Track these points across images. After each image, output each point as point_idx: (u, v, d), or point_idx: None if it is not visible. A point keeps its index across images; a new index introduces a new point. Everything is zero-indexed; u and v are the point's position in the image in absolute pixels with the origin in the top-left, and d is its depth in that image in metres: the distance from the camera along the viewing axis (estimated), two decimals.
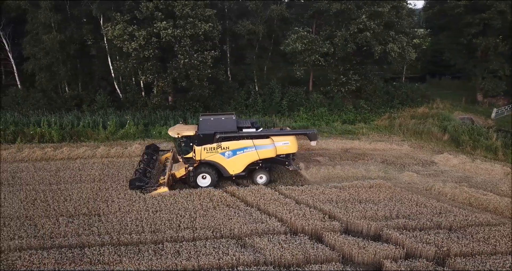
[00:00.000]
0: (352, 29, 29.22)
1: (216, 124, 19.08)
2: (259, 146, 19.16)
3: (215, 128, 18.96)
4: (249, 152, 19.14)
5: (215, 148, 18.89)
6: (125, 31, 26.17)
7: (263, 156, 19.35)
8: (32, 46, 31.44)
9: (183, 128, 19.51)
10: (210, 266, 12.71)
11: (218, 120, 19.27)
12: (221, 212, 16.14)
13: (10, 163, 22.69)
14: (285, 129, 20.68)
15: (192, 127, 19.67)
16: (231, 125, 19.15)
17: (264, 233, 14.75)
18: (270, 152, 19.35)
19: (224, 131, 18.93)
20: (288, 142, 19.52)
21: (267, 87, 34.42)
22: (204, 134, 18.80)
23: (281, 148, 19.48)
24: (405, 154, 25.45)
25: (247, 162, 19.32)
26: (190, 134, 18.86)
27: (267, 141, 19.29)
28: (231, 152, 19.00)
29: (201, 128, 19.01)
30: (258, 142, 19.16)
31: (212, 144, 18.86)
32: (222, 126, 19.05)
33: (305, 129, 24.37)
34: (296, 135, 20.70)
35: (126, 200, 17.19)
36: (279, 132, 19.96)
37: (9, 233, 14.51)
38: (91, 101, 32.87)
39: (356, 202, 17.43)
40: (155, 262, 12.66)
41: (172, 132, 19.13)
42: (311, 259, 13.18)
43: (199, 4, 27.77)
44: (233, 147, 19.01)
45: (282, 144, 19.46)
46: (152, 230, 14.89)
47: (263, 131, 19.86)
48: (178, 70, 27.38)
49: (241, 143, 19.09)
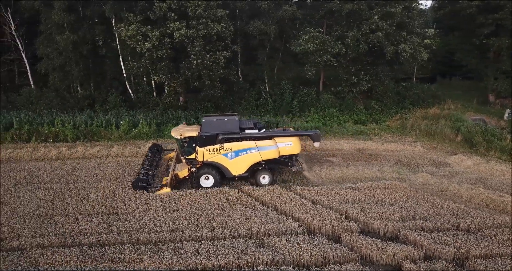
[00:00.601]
0: (364, 30, 29.16)
1: (218, 125, 19.12)
2: (261, 147, 19.14)
3: (218, 129, 18.99)
4: (251, 153, 19.13)
5: (218, 149, 18.91)
6: (138, 32, 26.32)
7: (265, 157, 19.34)
8: (46, 47, 31.71)
9: (186, 129, 19.58)
10: (230, 266, 12.79)
11: (221, 121, 19.31)
12: (237, 212, 16.22)
13: (26, 161, 22.92)
14: (288, 130, 20.62)
15: (194, 128, 19.71)
16: (234, 127, 19.18)
17: (282, 233, 14.82)
18: (273, 153, 19.32)
19: (226, 132, 18.95)
20: (291, 143, 19.47)
21: (278, 87, 34.46)
22: (206, 135, 18.82)
23: (284, 149, 19.44)
24: (418, 154, 25.39)
25: (249, 163, 19.32)
26: (192, 135, 18.89)
27: (269, 142, 19.27)
28: (233, 153, 19.00)
29: (203, 129, 19.04)
30: (260, 143, 19.15)
31: (215, 145, 18.87)
32: (225, 128, 19.08)
33: (308, 131, 24.10)
34: (299, 136, 20.58)
35: (142, 199, 17.32)
36: (282, 133, 19.94)
37: (30, 230, 14.68)
38: (103, 101, 33.09)
39: (372, 202, 17.45)
40: (175, 261, 12.76)
41: (175, 133, 19.15)
42: (329, 259, 13.23)
43: (211, 4, 27.88)
44: (236, 148, 19.01)
45: (285, 144, 19.42)
46: (171, 229, 15.01)
47: (266, 132, 19.82)
48: (190, 70, 27.50)
49: (243, 144, 19.08)
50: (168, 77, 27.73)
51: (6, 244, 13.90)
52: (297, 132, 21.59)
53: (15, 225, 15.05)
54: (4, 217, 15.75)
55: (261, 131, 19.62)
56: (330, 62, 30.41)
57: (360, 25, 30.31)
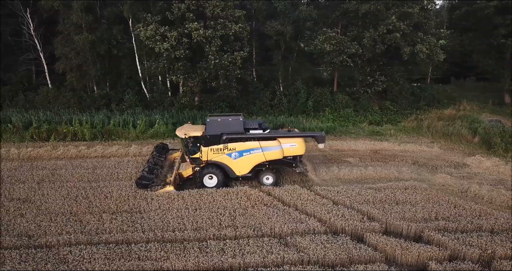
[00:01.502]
0: (381, 30, 29.12)
1: (223, 125, 19.17)
2: (265, 148, 19.13)
3: (222, 129, 19.03)
4: (255, 154, 19.13)
5: (222, 148, 18.96)
6: (157, 32, 26.53)
7: (269, 158, 19.32)
8: (64, 47, 32.08)
9: (191, 129, 19.69)
10: (256, 264, 12.87)
11: (225, 121, 19.37)
12: (260, 211, 16.31)
13: (47, 160, 23.23)
14: (293, 131, 20.60)
15: (199, 128, 19.81)
16: (238, 127, 19.20)
17: (305, 232, 14.87)
18: (277, 154, 19.30)
19: (230, 132, 19.00)
20: (295, 144, 19.40)
21: (293, 87, 34.52)
22: (211, 135, 18.88)
23: (288, 150, 19.38)
24: (436, 155, 25.28)
25: (253, 163, 19.32)
26: (197, 135, 18.99)
27: (274, 142, 19.24)
28: (237, 153, 19.03)
29: (208, 129, 19.11)
30: (264, 144, 19.14)
31: (219, 145, 18.94)
32: (229, 128, 19.12)
33: (313, 132, 24.13)
34: (304, 137, 20.52)
35: (165, 198, 17.46)
36: (286, 134, 19.95)
37: (57, 228, 14.90)
38: (119, 100, 33.41)
39: (393, 203, 17.43)
40: (202, 259, 12.87)
41: (180, 133, 19.27)
42: (354, 259, 13.27)
43: (229, 5, 28.03)
44: (240, 148, 19.03)
45: (289, 145, 19.36)
46: (194, 227, 15.13)
47: (270, 133, 19.85)
48: (208, 70, 27.66)
49: (247, 145, 19.09)
50: (185, 77, 27.89)
51: (34, 241, 14.12)
52: (302, 133, 21.54)
53: (42, 223, 15.28)
54: (30, 215, 15.99)
55: (266, 132, 19.64)
56: (346, 62, 30.39)
57: (376, 26, 30.26)
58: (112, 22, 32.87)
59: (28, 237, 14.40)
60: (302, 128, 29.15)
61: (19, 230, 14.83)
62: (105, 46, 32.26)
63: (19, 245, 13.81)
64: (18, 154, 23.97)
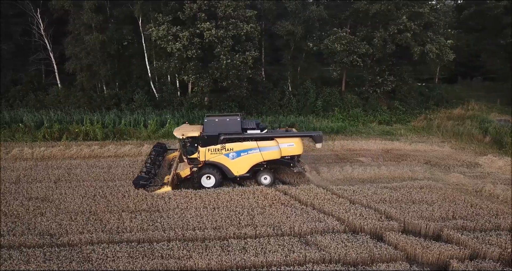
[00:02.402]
0: (392, 30, 29.17)
1: (220, 125, 19.20)
2: (263, 148, 19.15)
3: (220, 129, 19.06)
4: (253, 154, 19.15)
5: (219, 149, 18.99)
6: (169, 32, 26.61)
7: (267, 158, 19.34)
8: (74, 47, 32.17)
9: (188, 129, 19.73)
10: (278, 263, 12.93)
11: (223, 121, 19.40)
12: (278, 210, 16.38)
13: (61, 159, 23.34)
14: (291, 131, 20.66)
15: (197, 128, 19.83)
16: (236, 127, 19.23)
17: (324, 231, 14.94)
18: (274, 154, 19.31)
19: (228, 132, 19.04)
20: (293, 144, 19.43)
21: (302, 87, 34.58)
22: (208, 135, 18.91)
23: (286, 150, 19.41)
24: (447, 155, 25.34)
25: (251, 163, 19.34)
26: (195, 135, 19.03)
27: (271, 142, 19.26)
28: (235, 153, 19.05)
29: (205, 129, 19.13)
30: (262, 144, 19.16)
31: (217, 145, 18.97)
32: (227, 128, 19.15)
33: (311, 132, 24.04)
34: (302, 137, 20.58)
35: (182, 197, 17.54)
36: (283, 134, 19.95)
37: (78, 227, 14.98)
38: (129, 100, 33.51)
39: (409, 202, 17.50)
40: (224, 258, 12.94)
41: (177, 133, 19.29)
42: (375, 258, 13.34)
43: (240, 5, 28.11)
44: (237, 148, 19.05)
45: (287, 145, 19.38)
46: (214, 226, 15.20)
47: (268, 133, 19.87)
48: (219, 70, 27.73)
49: (245, 145, 19.11)
50: (197, 77, 27.97)
51: (56, 239, 14.21)
52: (299, 133, 21.54)
53: (62, 221, 15.36)
54: (50, 214, 16.08)
55: (263, 132, 19.67)
56: (356, 62, 30.45)
57: (386, 26, 30.31)
58: (121, 22, 32.94)
59: (50, 235, 14.48)
60: (313, 128, 29.26)
61: (41, 229, 14.90)
62: (115, 46, 32.32)
63: (41, 244, 13.91)
64: (32, 153, 24.08)
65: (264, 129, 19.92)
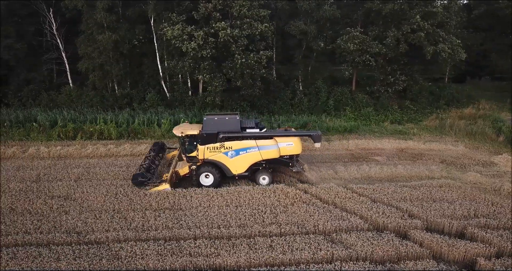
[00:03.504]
0: (405, 30, 29.22)
1: (219, 124, 19.26)
2: (262, 147, 19.19)
3: (219, 128, 19.13)
4: (252, 152, 19.18)
5: (218, 147, 19.04)
6: (183, 31, 26.70)
7: (266, 157, 19.36)
8: (87, 46, 32.27)
9: (188, 128, 19.83)
10: (306, 261, 13.01)
11: (222, 120, 19.44)
12: (300, 209, 16.46)
13: (78, 158, 23.46)
14: (290, 130, 20.75)
15: (196, 127, 19.94)
16: (235, 125, 19.29)
17: (349, 229, 15.01)
18: (273, 153, 19.34)
19: (227, 131, 19.12)
20: (292, 143, 19.44)
21: (313, 86, 34.65)
22: (207, 133, 18.97)
23: (285, 149, 19.42)
24: (462, 154, 25.39)
25: (250, 162, 19.37)
26: (194, 134, 19.13)
27: (270, 141, 19.31)
28: (234, 152, 19.10)
29: (205, 127, 19.20)
30: (261, 143, 19.19)
31: (215, 144, 19.04)
32: (226, 126, 19.21)
33: (310, 131, 23.99)
34: (300, 136, 20.60)
35: (203, 195, 17.64)
36: (282, 133, 20.02)
37: (103, 225, 15.06)
38: (141, 100, 33.61)
39: (430, 201, 17.58)
40: (252, 255, 13.02)
41: (177, 131, 19.38)
42: (402, 255, 13.43)
43: (254, 4, 28.21)
44: (236, 147, 19.10)
45: (286, 144, 19.39)
46: (239, 224, 15.29)
47: (267, 132, 19.96)
48: (233, 70, 27.80)
49: (244, 143, 19.15)
50: (211, 76, 28.05)
51: (83, 237, 14.30)
52: (298, 132, 21.58)
53: (87, 220, 15.46)
54: (74, 212, 16.19)
55: (262, 131, 19.74)
56: (369, 62, 30.51)
57: (399, 25, 30.36)
58: (134, 22, 33.03)
59: (77, 233, 14.57)
60: (326, 127, 29.34)
61: (67, 227, 15.01)
62: (127, 46, 32.42)
63: (69, 242, 14.00)
64: (48, 152, 24.18)
65: (263, 129, 20.01)
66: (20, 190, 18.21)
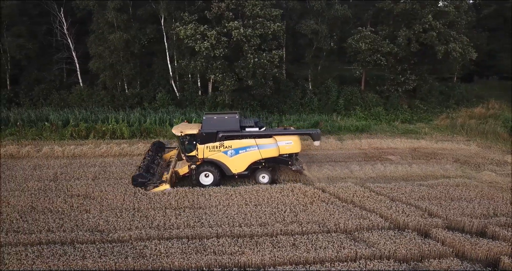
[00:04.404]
0: (417, 29, 29.24)
1: (219, 123, 19.32)
2: (261, 145, 19.24)
3: (218, 127, 19.19)
4: (251, 151, 19.22)
5: (218, 146, 19.08)
6: (196, 31, 26.75)
7: (265, 155, 19.40)
8: (98, 46, 32.34)
9: (187, 127, 19.87)
10: (330, 259, 13.05)
11: (221, 119, 19.52)
12: (320, 207, 16.50)
13: (93, 157, 23.53)
14: (288, 129, 20.81)
15: (195, 126, 20.00)
16: (234, 125, 19.35)
17: (370, 228, 15.06)
18: (272, 152, 19.42)
19: (226, 130, 19.16)
20: (291, 142, 19.53)
21: (324, 86, 34.68)
22: (207, 133, 19.00)
23: (284, 148, 19.51)
24: (475, 153, 25.40)
25: (249, 161, 19.40)
26: (193, 133, 19.18)
27: (269, 140, 19.38)
28: (233, 151, 19.14)
29: (204, 127, 19.24)
30: (260, 141, 19.25)
31: (215, 143, 19.08)
32: (225, 125, 19.27)
33: (309, 129, 24.12)
34: (300, 135, 20.66)
35: (221, 194, 17.70)
36: (281, 132, 20.10)
37: (125, 223, 15.14)
38: (151, 99, 33.68)
39: (448, 199, 17.61)
40: (277, 254, 13.06)
41: (176, 131, 19.43)
42: (425, 254, 13.46)
43: (266, 4, 28.27)
44: (236, 146, 19.15)
45: (285, 143, 19.48)
46: (260, 223, 15.34)
47: (266, 130, 20.03)
48: (246, 69, 27.84)
49: (243, 142, 19.19)
50: (223, 76, 28.11)
51: (106, 235, 14.37)
52: (297, 131, 21.64)
53: (109, 218, 15.53)
54: (95, 210, 16.27)
55: (261, 130, 19.78)
56: (380, 61, 30.54)
57: (410, 24, 30.38)
58: (145, 21, 33.10)
59: (100, 232, 14.64)
60: (338, 127, 29.39)
61: (89, 225, 15.09)
62: (138, 45, 32.48)
63: (93, 240, 14.07)
64: (62, 151, 24.26)
65: (262, 128, 20.07)
66: (39, 189, 18.31)
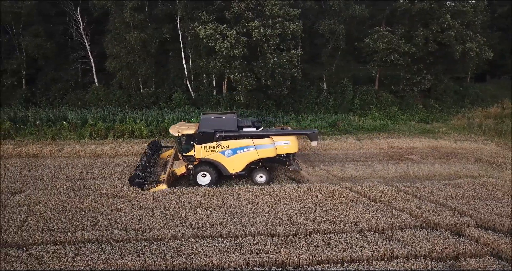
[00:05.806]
0: (435, 29, 29.24)
1: (216, 123, 19.39)
2: (259, 145, 19.31)
3: (216, 127, 19.26)
4: (249, 151, 19.30)
5: (215, 146, 19.14)
6: (216, 31, 26.82)
7: (263, 155, 19.48)
8: (114, 45, 32.42)
9: (184, 127, 19.94)
10: (367, 258, 13.13)
11: (219, 119, 19.58)
12: (349, 207, 16.57)
13: (115, 157, 23.64)
14: (286, 129, 20.87)
15: (193, 126, 20.08)
16: (231, 125, 19.43)
17: (402, 227, 15.14)
18: (270, 152, 19.49)
19: (224, 130, 19.21)
20: (288, 142, 19.59)
21: (339, 85, 34.70)
22: (204, 133, 19.08)
23: (282, 148, 19.58)
24: (495, 153, 25.39)
25: (247, 161, 19.47)
26: (190, 133, 19.24)
27: (267, 140, 19.44)
28: (231, 151, 19.21)
29: (201, 127, 19.32)
30: (258, 141, 19.33)
31: (212, 143, 19.13)
32: (223, 125, 19.35)
33: (306, 130, 24.22)
34: (297, 135, 20.69)
35: (250, 193, 17.75)
36: (279, 132, 20.18)
37: (158, 222, 15.26)
38: (167, 98, 33.75)
39: (476, 199, 17.65)
40: (314, 252, 13.17)
41: (173, 131, 19.50)
42: (460, 253, 13.52)
43: (285, 4, 28.33)
44: (233, 146, 19.21)
45: (283, 143, 19.55)
46: (292, 222, 15.43)
47: (263, 131, 20.08)
48: (265, 69, 27.88)
49: (240, 142, 19.27)
50: (242, 75, 28.17)
51: (141, 234, 14.46)
52: (295, 131, 21.68)
53: (141, 217, 15.63)
54: (126, 209, 16.36)
55: (259, 130, 19.83)
56: (398, 61, 30.55)
57: (427, 24, 30.37)
58: (161, 21, 33.16)
59: (134, 230, 14.75)
60: (355, 126, 29.43)
61: (122, 224, 15.19)
62: (155, 45, 32.55)
63: (129, 239, 14.19)
64: (84, 150, 24.36)
65: (260, 128, 20.13)
66: (67, 188, 18.44)
